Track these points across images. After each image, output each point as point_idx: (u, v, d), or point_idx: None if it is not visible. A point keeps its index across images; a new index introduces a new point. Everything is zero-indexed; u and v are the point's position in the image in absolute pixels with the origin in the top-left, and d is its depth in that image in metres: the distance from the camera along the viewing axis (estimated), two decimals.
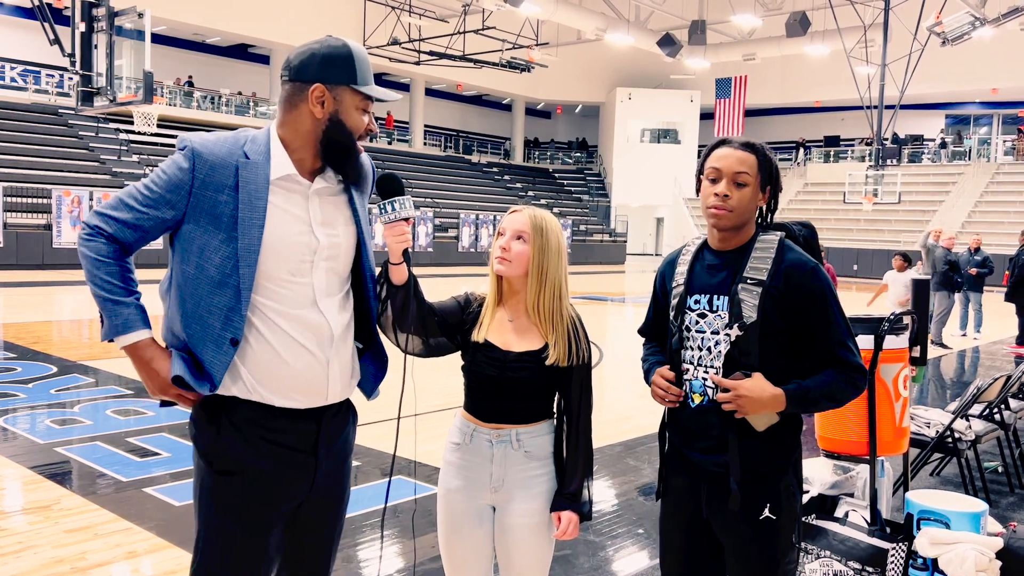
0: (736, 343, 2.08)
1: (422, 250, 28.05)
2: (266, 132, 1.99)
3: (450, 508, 2.32)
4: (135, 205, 1.91)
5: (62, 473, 4.88)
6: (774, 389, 2.03)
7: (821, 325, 2.07)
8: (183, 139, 1.95)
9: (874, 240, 30.75)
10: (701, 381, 2.14)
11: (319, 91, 1.93)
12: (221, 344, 1.89)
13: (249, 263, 1.89)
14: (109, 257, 1.88)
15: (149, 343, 1.91)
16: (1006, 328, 13.41)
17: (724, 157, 2.09)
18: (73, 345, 9.87)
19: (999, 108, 37.13)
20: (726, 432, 2.09)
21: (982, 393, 4.94)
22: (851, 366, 2.08)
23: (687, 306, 2.17)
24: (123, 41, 12.04)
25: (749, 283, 2.07)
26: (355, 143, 1.99)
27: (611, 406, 7.40)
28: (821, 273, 2.09)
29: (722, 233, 2.15)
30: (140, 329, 1.89)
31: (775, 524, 2.10)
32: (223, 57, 34.90)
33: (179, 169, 1.91)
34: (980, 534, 3.23)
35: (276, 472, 1.95)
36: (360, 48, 1.99)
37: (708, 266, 2.18)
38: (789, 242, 2.15)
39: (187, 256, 1.92)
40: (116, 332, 1.88)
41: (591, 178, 42.63)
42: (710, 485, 2.14)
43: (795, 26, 26.24)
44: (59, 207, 20.67)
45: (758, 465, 2.09)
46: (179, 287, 1.93)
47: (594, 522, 4.30)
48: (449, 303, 2.32)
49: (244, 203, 1.90)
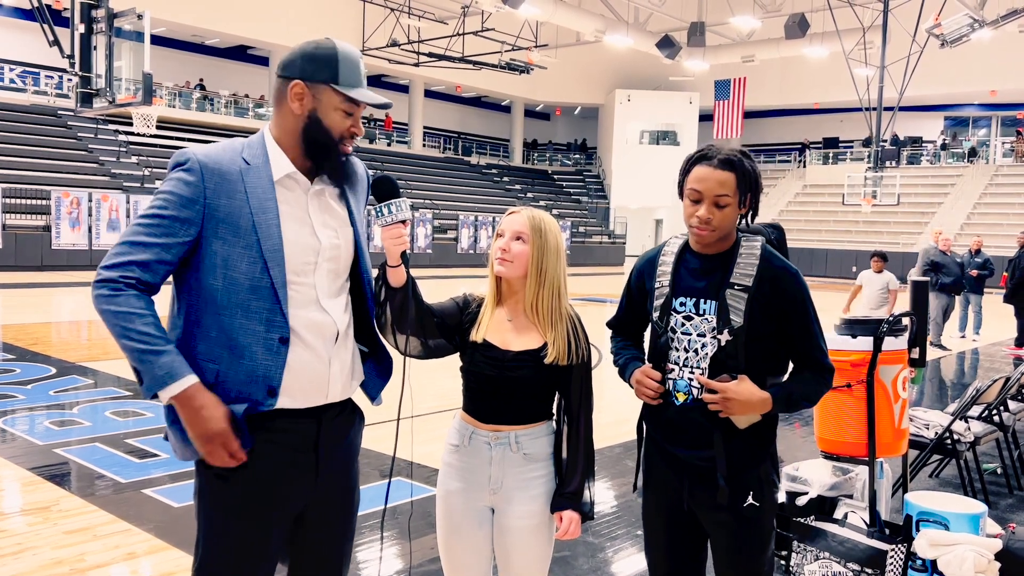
0: (724, 346, 2.15)
1: (421, 251, 28.05)
2: (260, 135, 1.99)
3: (449, 510, 2.32)
4: (151, 241, 1.83)
5: (61, 474, 4.87)
6: (762, 393, 2.13)
7: (802, 329, 2.18)
8: (181, 154, 1.92)
9: (873, 242, 30.71)
10: (686, 381, 2.20)
11: (298, 87, 1.93)
12: (271, 346, 1.88)
13: (277, 262, 1.89)
14: (143, 309, 1.79)
15: (200, 387, 1.81)
16: (1005, 330, 13.42)
17: (704, 179, 2.12)
18: (72, 346, 9.87)
19: (998, 110, 37.15)
20: (710, 429, 2.17)
21: (981, 395, 4.94)
22: (825, 367, 2.21)
23: (672, 308, 2.23)
24: (122, 42, 12.03)
25: (736, 289, 2.14)
26: (335, 143, 1.97)
27: (610, 407, 7.39)
28: (801, 279, 2.20)
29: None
30: (188, 374, 1.80)
31: (759, 509, 2.21)
32: (222, 58, 34.89)
33: (187, 184, 1.87)
34: (979, 535, 3.23)
35: (277, 473, 1.95)
36: (351, 50, 1.97)
37: (693, 269, 2.24)
38: (770, 248, 2.23)
39: (211, 270, 1.87)
40: (161, 384, 1.78)
41: (590, 180, 42.63)
42: (693, 478, 2.22)
43: (794, 28, 26.25)
44: (58, 208, 20.66)
45: (740, 458, 2.19)
46: (207, 304, 1.87)
47: (593, 523, 4.30)
48: (448, 304, 2.32)
49: (256, 207, 1.89)
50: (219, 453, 1.84)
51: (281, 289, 1.89)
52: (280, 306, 1.89)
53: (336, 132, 1.96)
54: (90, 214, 21.21)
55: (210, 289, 1.88)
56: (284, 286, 1.89)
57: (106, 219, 21.49)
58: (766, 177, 40.22)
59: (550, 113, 46.78)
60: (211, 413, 1.81)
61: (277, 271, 1.89)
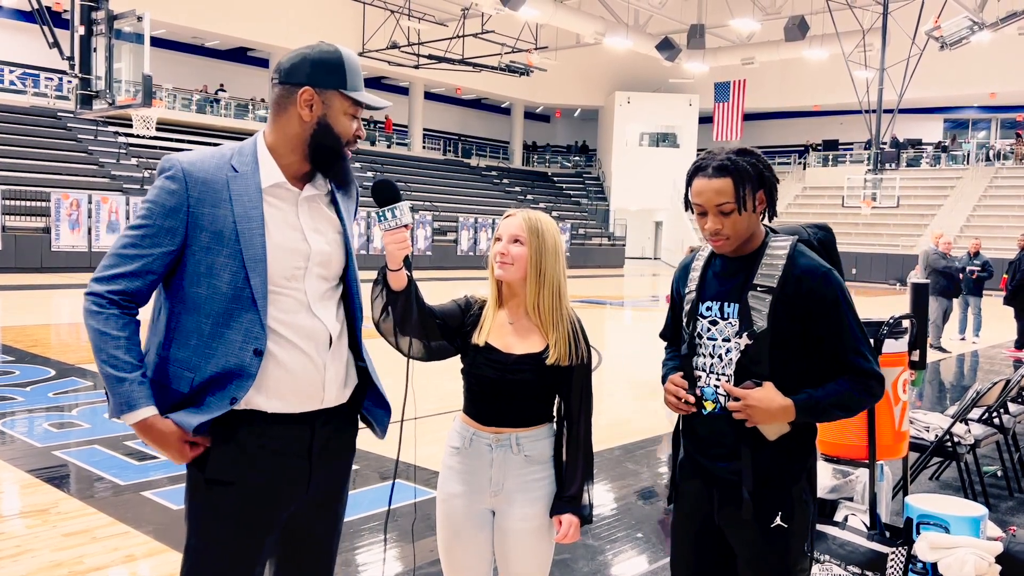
0: (746, 351, 2.07)
1: (421, 253, 28.04)
2: (252, 142, 1.99)
3: (450, 512, 2.31)
4: (135, 253, 1.86)
5: (60, 476, 4.87)
6: (783, 400, 2.02)
7: (833, 331, 2.04)
8: (166, 160, 1.92)
9: (873, 244, 30.77)
10: (713, 388, 2.14)
11: (308, 94, 1.92)
12: (245, 356, 1.87)
13: (258, 272, 1.88)
14: (118, 330, 1.83)
15: (155, 418, 1.86)
16: (1005, 332, 13.41)
17: (702, 192, 2.08)
18: (71, 348, 9.86)
19: (997, 112, 37.19)
20: (738, 440, 2.08)
21: (981, 397, 4.94)
22: (866, 372, 2.05)
23: (699, 313, 2.18)
24: (122, 44, 12.02)
25: (759, 291, 2.06)
26: (343, 148, 1.98)
27: (610, 410, 7.40)
28: (834, 278, 2.07)
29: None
30: (146, 405, 1.84)
31: (786, 532, 2.09)
32: (222, 60, 34.91)
33: (169, 193, 1.88)
34: (980, 538, 3.23)
35: (270, 480, 1.94)
36: (352, 55, 1.98)
37: (718, 273, 2.18)
38: (802, 247, 2.13)
39: (196, 279, 1.88)
40: (121, 410, 1.83)
41: (590, 182, 42.65)
42: (722, 491, 2.13)
43: (794, 30, 26.26)
44: (58, 210, 20.66)
45: (770, 473, 2.08)
46: (190, 311, 1.89)
47: (593, 526, 4.29)
48: (450, 306, 2.32)
49: (240, 215, 1.89)
50: (179, 460, 1.91)
51: (261, 300, 1.88)
52: (259, 316, 1.88)
53: (345, 137, 1.97)
54: (90, 216, 21.21)
55: (194, 297, 1.88)
56: (265, 296, 1.89)
57: (106, 221, 21.49)
58: None
59: (550, 115, 46.80)
60: (166, 434, 1.87)
61: (258, 281, 1.88)
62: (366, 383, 2.13)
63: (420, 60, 30.94)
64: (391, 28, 30.30)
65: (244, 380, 1.87)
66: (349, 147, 1.99)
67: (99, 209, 21.39)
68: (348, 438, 2.13)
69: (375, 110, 2.02)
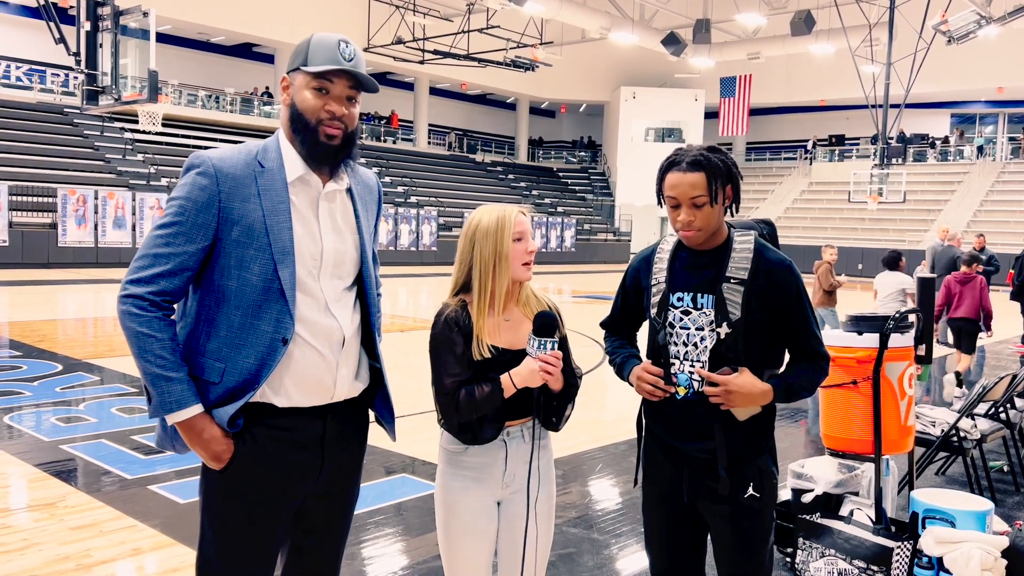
0: (723, 340, 2.19)
1: (426, 249, 28.04)
2: (275, 138, 2.00)
3: (456, 508, 2.30)
4: (170, 251, 1.87)
5: (67, 471, 4.89)
6: (763, 384, 2.17)
7: (799, 320, 2.23)
8: (195, 157, 1.93)
9: (879, 239, 30.68)
10: (687, 375, 2.24)
11: (284, 81, 1.99)
12: (275, 345, 1.90)
13: (287, 264, 1.90)
14: (162, 332, 1.85)
15: (203, 416, 1.88)
16: (1011, 327, 13.37)
17: (676, 185, 2.19)
18: (78, 343, 9.90)
19: (1005, 107, 37.00)
20: (711, 422, 2.20)
21: (987, 392, 4.93)
22: (823, 356, 2.27)
23: (670, 303, 2.27)
24: (128, 40, 12.06)
25: (732, 282, 2.19)
26: (312, 126, 1.93)
27: (613, 405, 7.40)
28: (795, 270, 2.24)
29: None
30: (194, 404, 1.87)
31: (759, 500, 2.24)
32: (227, 56, 34.95)
33: (201, 189, 1.89)
34: (985, 533, 3.23)
35: (282, 471, 1.96)
36: (327, 35, 1.95)
37: (688, 265, 2.29)
38: (763, 241, 2.28)
39: (226, 271, 1.90)
40: (168, 409, 1.85)
41: (595, 177, 42.61)
42: (694, 471, 2.26)
43: (800, 25, 26.19)
44: (64, 206, 20.73)
45: (740, 450, 2.23)
46: (221, 303, 1.91)
47: (598, 520, 4.30)
48: (463, 364, 2.20)
49: (269, 209, 1.91)
50: (216, 464, 1.92)
51: (290, 291, 1.90)
52: (288, 307, 1.90)
53: (311, 115, 1.93)
54: (96, 212, 21.28)
55: (224, 289, 1.91)
56: (293, 288, 1.91)
57: (112, 217, 21.56)
58: (771, 174, 40.19)
59: (555, 110, 46.75)
60: (211, 435, 1.89)
61: (287, 273, 1.90)
62: (378, 384, 2.14)
63: (425, 55, 30.93)
64: (396, 23, 30.29)
65: (270, 369, 1.90)
66: (322, 125, 1.93)
67: (105, 205, 21.45)
68: (359, 431, 2.15)
69: (329, 79, 1.91)
